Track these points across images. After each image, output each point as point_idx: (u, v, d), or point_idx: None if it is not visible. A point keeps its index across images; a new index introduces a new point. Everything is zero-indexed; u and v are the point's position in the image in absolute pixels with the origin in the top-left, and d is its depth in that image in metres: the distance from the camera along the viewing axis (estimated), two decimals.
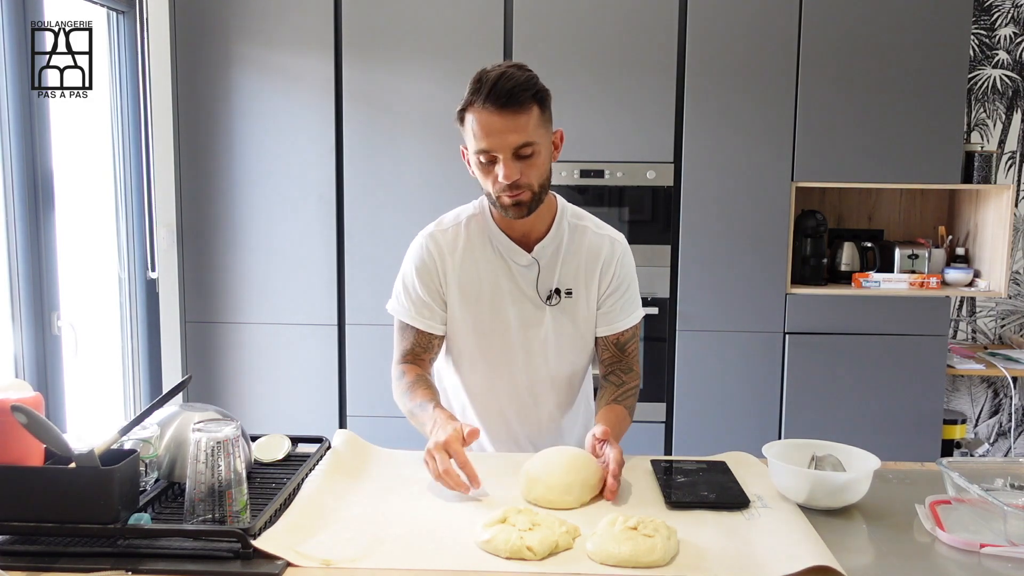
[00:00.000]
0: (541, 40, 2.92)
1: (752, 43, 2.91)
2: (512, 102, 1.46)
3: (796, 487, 1.37)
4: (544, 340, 1.66)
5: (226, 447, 1.21)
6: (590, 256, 1.66)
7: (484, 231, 1.65)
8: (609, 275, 1.66)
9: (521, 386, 1.70)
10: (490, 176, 1.52)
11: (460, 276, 1.64)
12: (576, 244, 1.66)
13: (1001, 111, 3.36)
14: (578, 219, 1.69)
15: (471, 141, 1.51)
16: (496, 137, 1.47)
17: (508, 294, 1.64)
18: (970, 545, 1.23)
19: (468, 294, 1.65)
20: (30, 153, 2.36)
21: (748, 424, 3.02)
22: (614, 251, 1.67)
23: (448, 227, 1.67)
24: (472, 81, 1.50)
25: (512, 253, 1.63)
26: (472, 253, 1.64)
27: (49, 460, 1.26)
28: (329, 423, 3.06)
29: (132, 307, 2.98)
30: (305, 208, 3.01)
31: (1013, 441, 3.51)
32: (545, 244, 1.63)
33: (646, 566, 1.15)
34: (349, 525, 1.28)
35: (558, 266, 1.65)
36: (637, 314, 1.71)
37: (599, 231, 1.69)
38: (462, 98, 1.51)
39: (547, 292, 1.65)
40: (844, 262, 3.18)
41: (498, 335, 1.66)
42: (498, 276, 1.64)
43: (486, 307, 1.65)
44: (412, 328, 1.67)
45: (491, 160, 1.50)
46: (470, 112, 1.49)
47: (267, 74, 2.97)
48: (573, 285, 1.66)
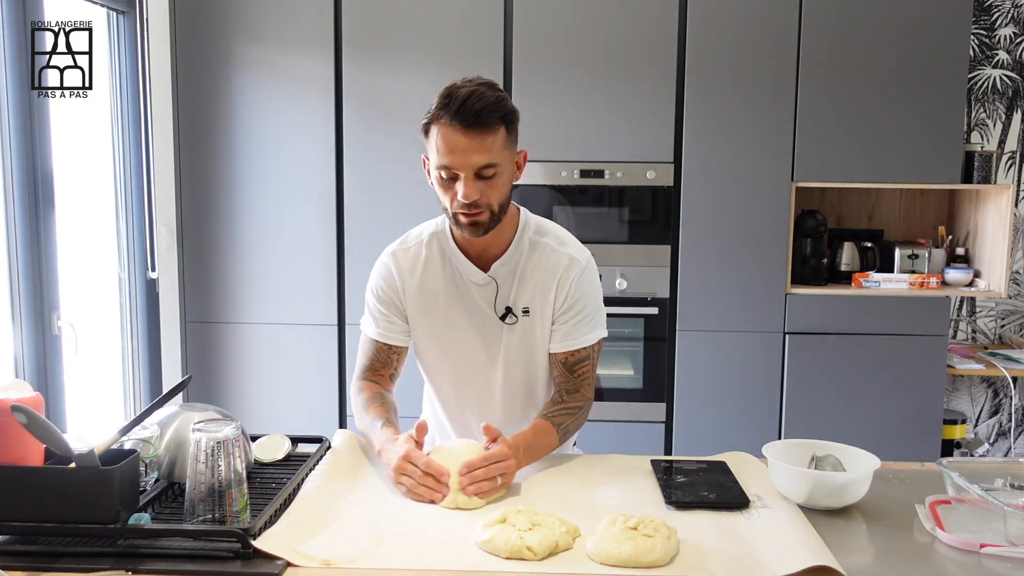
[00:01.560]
0: (541, 40, 2.92)
1: (752, 43, 2.91)
2: (479, 123, 1.44)
3: (796, 487, 1.37)
4: (503, 357, 1.66)
5: (226, 447, 1.21)
6: (547, 274, 1.63)
7: (443, 249, 1.65)
8: (563, 294, 1.62)
9: (485, 398, 1.70)
10: (449, 192, 1.50)
11: (419, 294, 1.65)
12: (535, 262, 1.63)
13: (1001, 111, 3.36)
14: (540, 235, 1.65)
15: (433, 155, 1.50)
16: (460, 155, 1.46)
17: (464, 312, 1.65)
18: (970, 545, 1.23)
19: (427, 312, 1.65)
20: (30, 153, 2.36)
21: (748, 424, 3.02)
22: (571, 270, 1.62)
23: (410, 246, 1.68)
24: (440, 96, 1.48)
25: (469, 272, 1.63)
26: (431, 271, 1.65)
27: (49, 460, 1.26)
28: (329, 423, 3.06)
29: (132, 307, 2.98)
30: (305, 208, 3.01)
31: (1013, 441, 3.51)
32: (503, 262, 1.61)
33: (646, 566, 1.15)
34: (349, 525, 1.28)
35: (515, 284, 1.63)
36: (593, 335, 1.65)
37: (560, 248, 1.64)
38: (428, 110, 1.50)
39: (503, 310, 1.63)
40: (844, 262, 3.18)
41: (458, 351, 1.67)
42: (455, 294, 1.64)
43: (443, 325, 1.65)
44: (373, 341, 1.69)
45: (452, 177, 1.49)
46: (436, 126, 1.48)
47: (267, 74, 2.97)
48: (530, 303, 1.63)
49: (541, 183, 2.95)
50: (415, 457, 1.41)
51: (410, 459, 1.41)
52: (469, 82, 1.49)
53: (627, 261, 3.00)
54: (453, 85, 1.49)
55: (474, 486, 1.37)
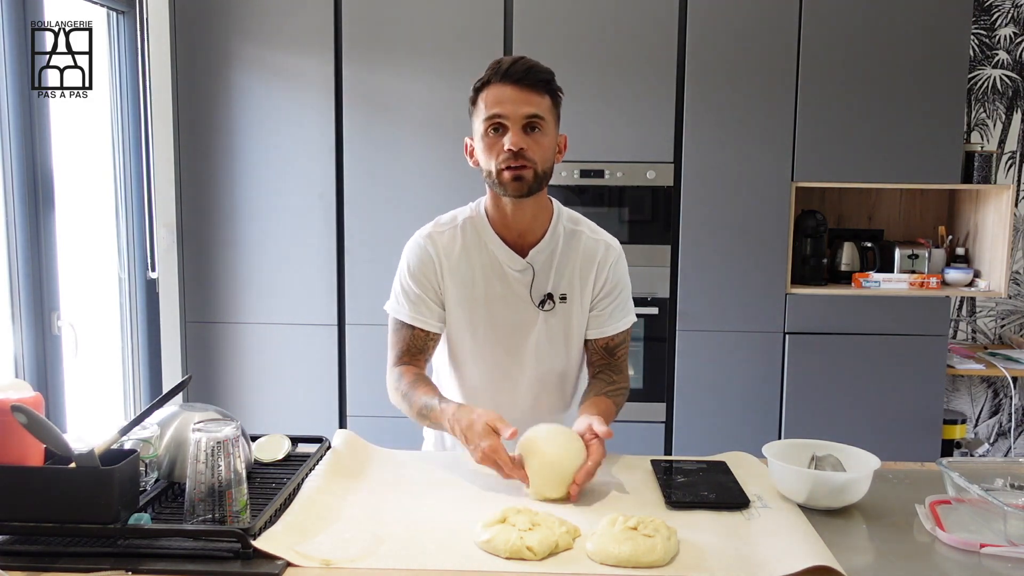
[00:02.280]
0: (541, 40, 2.92)
1: (752, 43, 2.91)
2: (528, 79, 1.52)
3: (796, 487, 1.37)
4: (536, 344, 1.67)
5: (226, 447, 1.21)
6: (584, 261, 1.66)
7: (480, 234, 1.65)
8: (602, 279, 1.67)
9: (516, 386, 1.70)
10: (495, 148, 1.53)
11: (456, 277, 1.64)
12: (571, 249, 1.66)
13: (1001, 111, 3.36)
14: (574, 224, 1.69)
15: (481, 113, 1.54)
16: (509, 105, 1.51)
17: (502, 298, 1.65)
18: (970, 545, 1.23)
19: (463, 295, 1.65)
20: (30, 153, 2.36)
21: (748, 424, 3.02)
22: (608, 255, 1.68)
23: (445, 228, 1.67)
24: (490, 65, 1.55)
25: (507, 257, 1.63)
26: (467, 255, 1.64)
27: (49, 460, 1.26)
28: (329, 423, 3.06)
29: (132, 307, 2.98)
30: (305, 208, 3.01)
31: (1013, 441, 3.51)
32: (540, 249, 1.64)
33: (646, 566, 1.15)
34: (349, 525, 1.28)
35: (552, 271, 1.65)
36: (628, 319, 1.71)
37: (594, 235, 1.69)
38: (477, 81, 1.55)
39: (540, 297, 1.65)
40: (844, 262, 3.18)
41: (492, 336, 1.66)
42: (492, 279, 1.64)
43: (480, 309, 1.65)
44: (408, 327, 1.66)
45: (499, 129, 1.52)
46: (486, 89, 1.54)
47: (267, 74, 2.97)
48: (568, 290, 1.66)
49: None
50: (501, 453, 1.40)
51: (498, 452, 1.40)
52: (516, 55, 1.57)
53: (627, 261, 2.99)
54: (502, 57, 1.57)
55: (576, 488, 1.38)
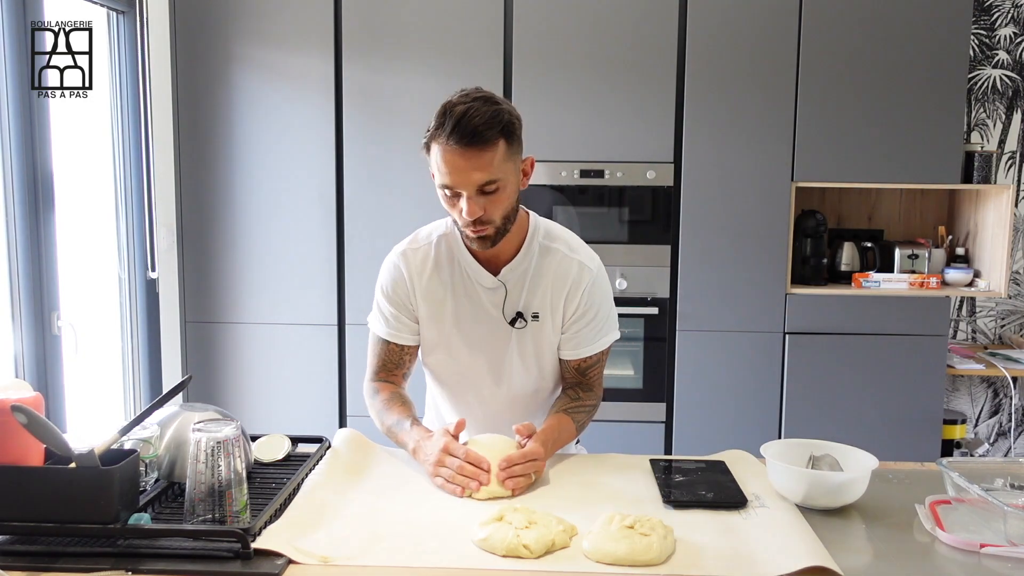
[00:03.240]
0: (541, 40, 2.92)
1: (752, 43, 2.91)
2: (476, 140, 1.42)
3: (793, 487, 1.37)
4: (509, 362, 1.67)
5: (226, 447, 1.22)
6: (557, 280, 1.63)
7: (452, 252, 1.65)
8: (575, 302, 1.63)
9: (489, 403, 1.71)
10: (455, 208, 1.50)
11: (427, 295, 1.65)
12: (545, 267, 1.63)
13: (1001, 111, 3.36)
14: (550, 240, 1.65)
15: (436, 174, 1.49)
16: (459, 175, 1.45)
17: (473, 315, 1.64)
18: (970, 545, 1.23)
19: (434, 313, 1.65)
20: (30, 153, 2.36)
21: (748, 424, 3.02)
22: (581, 277, 1.63)
23: (420, 245, 1.67)
24: (437, 115, 1.47)
25: (478, 275, 1.63)
26: (439, 273, 1.64)
27: (49, 460, 1.26)
28: (329, 423, 3.06)
29: (132, 307, 2.98)
30: (305, 208, 3.01)
31: (1013, 441, 3.51)
32: (512, 267, 1.62)
33: (642, 564, 1.16)
34: (348, 523, 1.28)
35: (525, 289, 1.63)
36: (603, 341, 1.68)
37: (571, 254, 1.64)
38: (427, 128, 1.48)
39: (512, 315, 1.64)
40: (844, 262, 3.18)
41: (464, 354, 1.67)
42: (463, 297, 1.64)
43: (451, 327, 1.65)
44: (384, 342, 1.69)
45: (455, 195, 1.49)
46: (435, 144, 1.47)
47: (267, 74, 2.97)
48: (540, 309, 1.64)
49: (541, 183, 2.95)
50: (454, 448, 1.45)
51: (449, 451, 1.44)
52: (465, 97, 1.47)
53: (627, 261, 3.00)
54: (449, 102, 1.47)
55: (511, 480, 1.41)
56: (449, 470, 1.42)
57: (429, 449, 1.48)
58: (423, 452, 1.49)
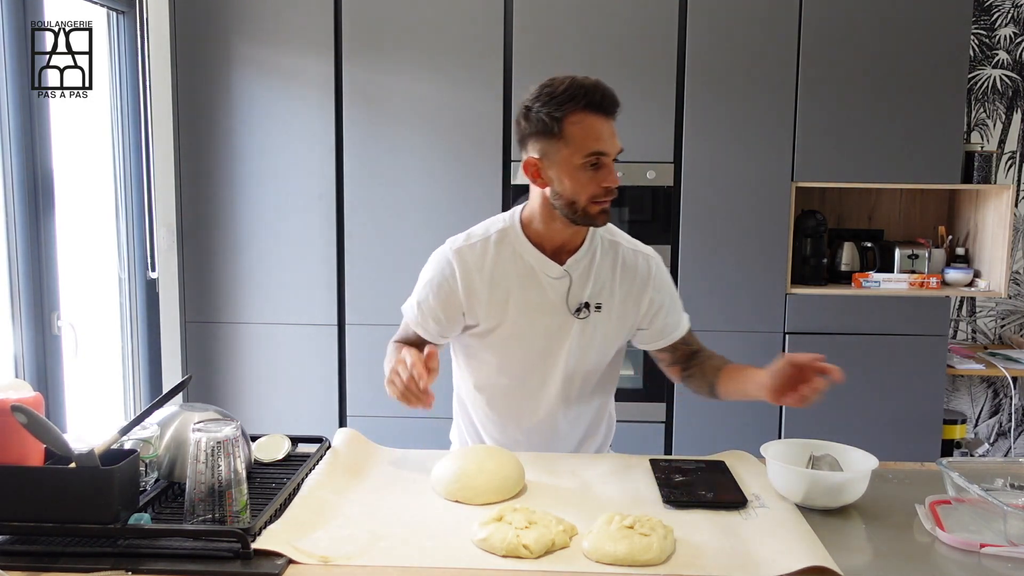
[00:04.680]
0: (541, 40, 2.92)
1: (752, 43, 2.91)
2: (616, 109, 1.52)
3: (792, 487, 1.37)
4: (569, 351, 1.66)
5: (226, 447, 1.22)
6: (625, 274, 1.66)
7: (514, 245, 1.64)
8: (648, 294, 1.67)
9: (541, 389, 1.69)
10: (591, 183, 1.52)
11: (487, 289, 1.63)
12: (609, 260, 1.66)
13: (1001, 111, 3.36)
14: (611, 235, 1.70)
15: (573, 144, 1.50)
16: (610, 141, 1.51)
17: (537, 305, 1.64)
18: (970, 545, 1.23)
19: (496, 303, 1.64)
20: (30, 153, 2.36)
21: (748, 424, 3.02)
22: (649, 268, 1.68)
23: (476, 241, 1.66)
24: (569, 87, 1.50)
25: (544, 266, 1.63)
26: (501, 266, 1.63)
27: (49, 460, 1.26)
28: (329, 423, 3.06)
29: (132, 307, 2.99)
30: (305, 208, 3.01)
31: (1013, 441, 3.51)
32: (578, 258, 1.63)
33: (642, 564, 1.16)
34: (348, 523, 1.28)
35: (590, 280, 1.64)
36: (686, 317, 1.75)
37: (632, 247, 1.70)
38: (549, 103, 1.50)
39: (576, 305, 1.64)
40: (844, 262, 3.18)
41: (525, 342, 1.66)
42: (528, 288, 1.63)
43: (514, 316, 1.64)
44: (409, 327, 1.70)
45: (598, 164, 1.51)
46: (577, 114, 1.49)
47: (267, 74, 2.97)
48: (604, 300, 1.65)
49: None
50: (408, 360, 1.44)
51: (403, 357, 1.45)
52: (574, 76, 1.53)
53: None
54: (571, 78, 1.51)
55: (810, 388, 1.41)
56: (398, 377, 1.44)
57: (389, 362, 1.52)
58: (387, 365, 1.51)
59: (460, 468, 1.41)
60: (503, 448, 1.55)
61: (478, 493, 1.37)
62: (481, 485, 1.38)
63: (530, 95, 1.54)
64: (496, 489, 1.39)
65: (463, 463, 1.42)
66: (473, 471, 1.40)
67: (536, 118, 1.52)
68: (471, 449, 1.50)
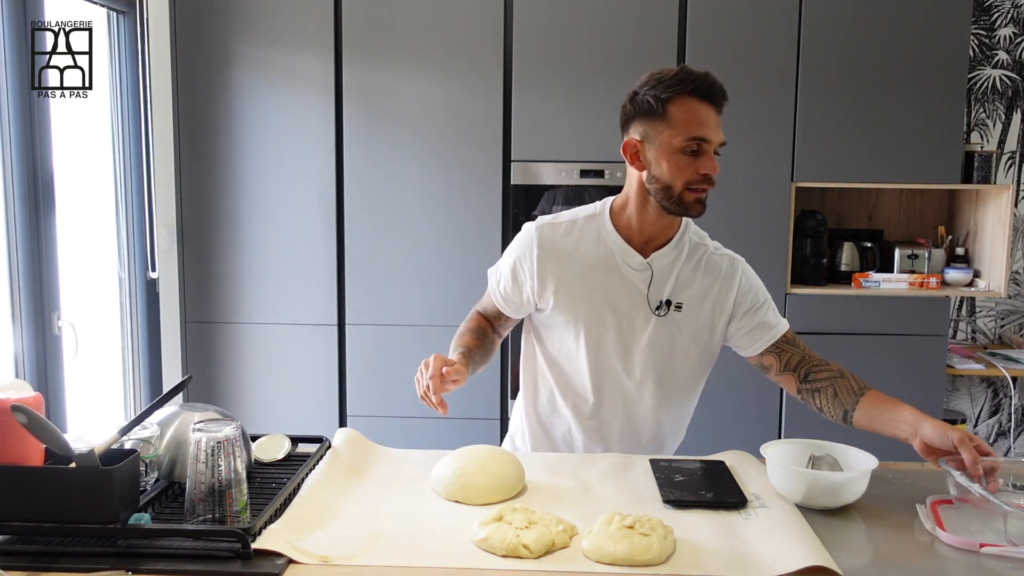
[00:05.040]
0: (541, 40, 2.92)
1: (752, 43, 2.91)
2: (723, 100, 1.53)
3: (792, 487, 1.37)
4: (646, 347, 1.63)
5: (226, 447, 1.21)
6: (707, 274, 1.65)
7: (599, 232, 1.63)
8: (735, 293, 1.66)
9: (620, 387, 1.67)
10: (688, 168, 1.52)
11: (565, 272, 1.61)
12: (695, 260, 1.65)
13: (1001, 111, 3.36)
14: (699, 237, 1.69)
15: (676, 127, 1.50)
16: (713, 130, 1.51)
17: (616, 296, 1.61)
18: (970, 545, 1.23)
19: (573, 288, 1.61)
20: (30, 153, 2.36)
21: (748, 424, 3.02)
22: (735, 268, 1.67)
23: (562, 221, 1.66)
24: (671, 74, 1.51)
25: (626, 255, 1.61)
26: (583, 249, 1.62)
27: (49, 460, 1.26)
28: (329, 423, 3.06)
29: (132, 307, 2.98)
30: (305, 208, 3.01)
31: (1013, 441, 3.51)
32: (663, 254, 1.62)
33: (642, 564, 1.15)
34: (347, 522, 1.28)
35: (673, 278, 1.62)
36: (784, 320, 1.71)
37: (719, 251, 1.69)
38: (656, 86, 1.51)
39: (657, 301, 1.62)
40: (844, 262, 3.18)
41: (601, 332, 1.63)
42: (609, 275, 1.61)
43: (591, 302, 1.62)
44: (489, 296, 1.73)
45: (696, 151, 1.51)
46: (683, 98, 1.50)
47: (267, 73, 2.97)
48: (686, 300, 1.63)
49: (541, 183, 2.95)
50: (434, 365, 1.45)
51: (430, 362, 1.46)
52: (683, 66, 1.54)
53: None
54: (682, 67, 1.53)
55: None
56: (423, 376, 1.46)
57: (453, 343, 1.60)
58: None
59: (460, 468, 1.41)
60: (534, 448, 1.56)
61: (478, 493, 1.37)
62: (481, 485, 1.38)
63: (639, 82, 1.56)
64: (496, 489, 1.39)
65: (463, 463, 1.42)
66: (473, 471, 1.40)
67: (642, 100, 1.53)
68: (471, 449, 1.50)
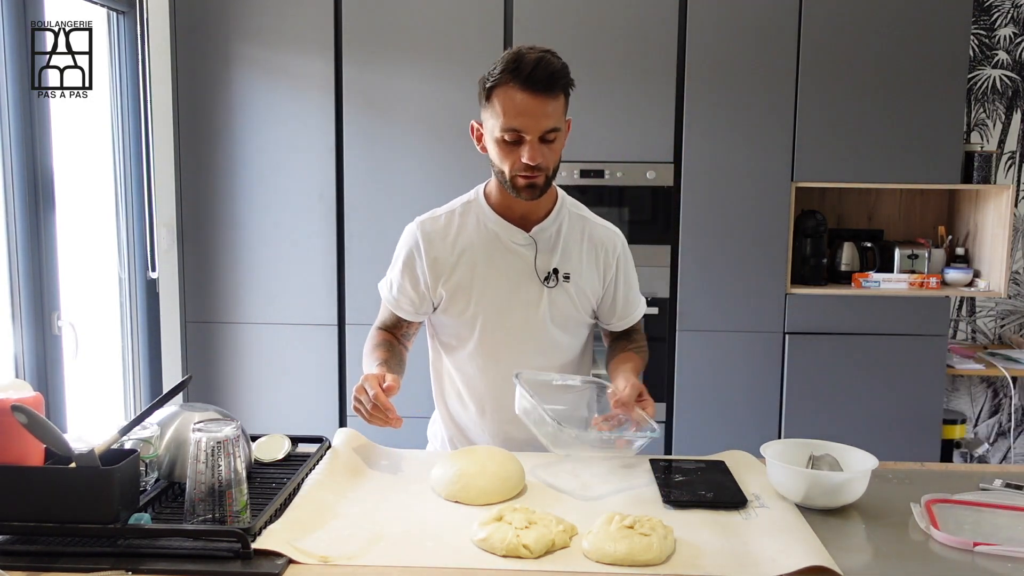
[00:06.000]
0: (541, 40, 2.88)
1: (752, 43, 2.91)
2: (549, 87, 1.50)
3: (792, 486, 1.37)
4: (541, 320, 1.68)
5: (226, 447, 1.22)
6: (591, 244, 1.70)
7: (478, 217, 1.68)
8: (613, 267, 1.72)
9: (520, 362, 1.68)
10: (510, 156, 1.54)
11: (453, 260, 1.66)
12: (576, 231, 1.70)
13: (1001, 111, 3.36)
14: (577, 209, 1.74)
15: (498, 118, 1.52)
16: (529, 119, 1.50)
17: (504, 274, 1.66)
18: (964, 544, 1.23)
19: (463, 275, 1.66)
20: (30, 153, 2.36)
21: (748, 424, 3.02)
22: (615, 242, 1.73)
23: (440, 214, 1.71)
24: (507, 59, 1.51)
25: (510, 234, 1.66)
26: (466, 236, 1.67)
27: (49, 460, 1.26)
28: (329, 423, 3.06)
29: (132, 307, 2.98)
30: (305, 208, 3.01)
31: (1013, 441, 3.51)
32: (544, 226, 1.67)
33: (642, 564, 1.16)
34: (347, 522, 1.29)
35: (558, 250, 1.67)
36: (642, 302, 1.80)
37: (599, 222, 1.75)
38: (490, 74, 1.52)
39: (545, 272, 1.67)
40: (844, 262, 3.18)
41: (499, 313, 1.67)
42: (494, 256, 1.66)
43: (483, 286, 1.66)
44: (391, 312, 1.74)
45: (516, 140, 1.53)
46: (503, 88, 1.51)
47: (267, 74, 2.97)
48: (572, 270, 1.68)
49: None
50: (368, 384, 1.47)
51: (364, 385, 1.48)
52: (533, 49, 1.53)
53: None
54: (518, 51, 1.53)
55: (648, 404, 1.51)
56: (362, 405, 1.47)
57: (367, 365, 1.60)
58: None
59: (460, 469, 1.41)
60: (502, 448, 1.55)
61: (478, 493, 1.37)
62: (481, 486, 1.38)
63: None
64: (496, 489, 1.39)
65: (463, 464, 1.42)
66: (473, 472, 1.40)
67: (480, 86, 1.56)
68: (471, 450, 1.50)
